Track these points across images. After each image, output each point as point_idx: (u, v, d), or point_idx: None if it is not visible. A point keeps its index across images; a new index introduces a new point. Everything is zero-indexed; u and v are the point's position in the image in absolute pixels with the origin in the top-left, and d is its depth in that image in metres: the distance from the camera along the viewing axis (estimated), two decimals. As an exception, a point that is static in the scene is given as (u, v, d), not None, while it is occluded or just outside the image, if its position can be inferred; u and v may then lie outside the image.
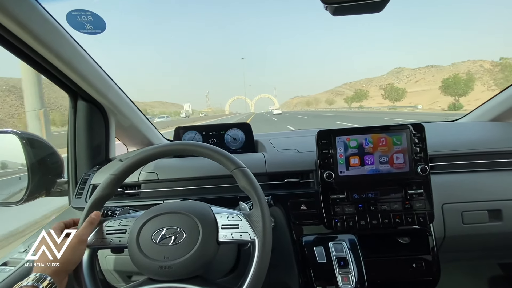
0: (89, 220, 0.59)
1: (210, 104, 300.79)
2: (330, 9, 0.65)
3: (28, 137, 0.92)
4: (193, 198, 0.82)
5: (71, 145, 1.02)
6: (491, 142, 0.96)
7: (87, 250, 0.58)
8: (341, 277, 0.78)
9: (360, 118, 19.92)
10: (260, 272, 0.53)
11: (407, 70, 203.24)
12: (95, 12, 0.79)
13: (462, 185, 0.89)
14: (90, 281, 0.55)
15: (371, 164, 0.82)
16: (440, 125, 1.22)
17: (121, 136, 1.22)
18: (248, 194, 0.60)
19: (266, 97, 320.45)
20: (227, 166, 0.61)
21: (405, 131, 0.82)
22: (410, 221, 0.81)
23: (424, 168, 0.80)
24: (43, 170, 0.96)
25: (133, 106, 1.14)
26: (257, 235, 0.55)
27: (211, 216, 0.58)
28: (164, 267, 0.53)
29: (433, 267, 0.84)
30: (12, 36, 0.68)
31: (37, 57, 0.76)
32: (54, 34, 0.74)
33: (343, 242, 0.83)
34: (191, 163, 0.97)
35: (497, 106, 1.18)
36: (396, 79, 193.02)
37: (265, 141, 1.13)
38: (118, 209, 0.67)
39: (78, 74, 0.85)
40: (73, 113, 1.00)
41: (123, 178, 0.63)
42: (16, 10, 0.63)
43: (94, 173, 0.96)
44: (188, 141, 0.97)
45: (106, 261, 0.90)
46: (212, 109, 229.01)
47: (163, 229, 0.56)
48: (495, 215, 0.87)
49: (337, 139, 0.83)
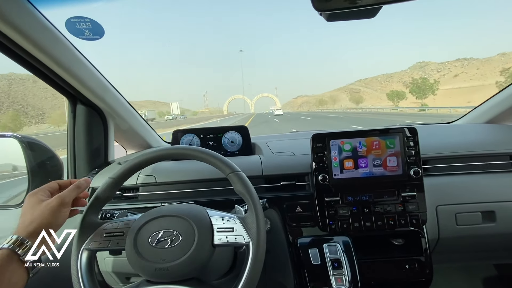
0: (77, 183, 0.58)
1: (208, 104, 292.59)
2: (324, 15, 0.67)
3: (28, 141, 0.94)
4: (190, 201, 0.83)
5: (70, 148, 1.04)
6: (486, 144, 0.97)
7: (86, 252, 0.59)
8: (335, 279, 0.79)
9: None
10: (253, 275, 0.54)
11: (433, 64, 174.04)
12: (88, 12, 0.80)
13: (456, 187, 0.90)
14: (88, 282, 0.57)
15: (364, 167, 0.84)
16: (435, 127, 1.24)
17: (120, 139, 1.24)
18: (243, 198, 0.61)
19: (267, 97, 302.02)
20: (223, 170, 0.62)
21: (398, 135, 0.83)
22: (404, 223, 0.82)
23: (417, 171, 0.81)
24: (43, 173, 0.98)
25: (131, 109, 1.15)
26: (251, 238, 0.56)
27: (207, 220, 0.60)
28: (161, 269, 0.54)
29: (426, 268, 0.85)
30: (12, 43, 0.69)
31: (36, 63, 0.78)
32: (53, 40, 0.76)
33: (337, 244, 0.85)
34: (189, 166, 0.98)
35: (493, 108, 1.19)
36: (424, 74, 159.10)
37: (262, 143, 1.15)
38: (117, 212, 0.69)
39: (77, 79, 0.87)
40: (72, 117, 1.02)
41: (121, 182, 0.65)
42: (16, 17, 0.64)
43: (93, 176, 0.98)
44: (185, 145, 0.98)
45: (105, 263, 0.91)
46: (209, 109, 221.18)
47: (160, 232, 0.57)
48: (488, 217, 0.88)
49: (331, 143, 0.84)
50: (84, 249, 0.59)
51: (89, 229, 0.61)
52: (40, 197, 0.56)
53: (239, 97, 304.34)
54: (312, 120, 22.28)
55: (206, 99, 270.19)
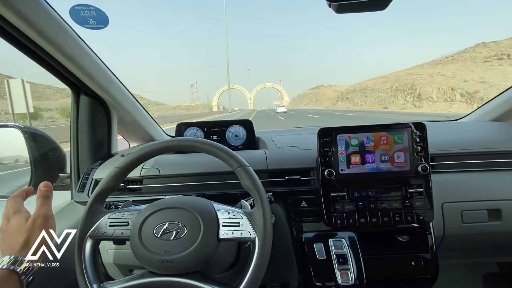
0: (43, 194, 0.57)
1: (199, 97, 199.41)
2: (333, 6, 0.65)
3: (31, 131, 0.93)
4: (194, 194, 0.82)
5: (73, 139, 1.03)
6: (492, 142, 0.96)
7: (90, 240, 0.59)
8: (340, 274, 0.79)
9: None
10: (258, 271, 0.54)
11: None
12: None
13: (462, 184, 0.90)
14: (92, 272, 0.56)
15: (372, 163, 0.83)
16: (441, 124, 1.23)
17: (123, 131, 1.23)
18: (250, 193, 0.60)
19: (271, 88, 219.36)
20: (231, 164, 0.61)
21: (407, 130, 0.82)
22: (410, 219, 0.82)
23: (425, 167, 0.80)
24: (45, 164, 0.97)
25: (135, 102, 1.14)
26: (258, 234, 0.56)
27: (213, 213, 0.59)
28: (165, 261, 0.54)
29: (432, 265, 0.85)
30: (16, 31, 0.68)
31: (40, 51, 0.76)
32: (57, 29, 0.74)
33: (343, 239, 0.84)
34: (192, 159, 0.97)
35: (499, 106, 1.18)
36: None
37: (266, 138, 1.14)
38: (121, 203, 0.68)
39: (81, 69, 0.85)
40: (75, 108, 1.01)
41: (127, 172, 0.64)
42: (20, 5, 0.63)
43: (97, 168, 0.97)
44: (191, 137, 0.97)
45: (108, 254, 0.91)
46: (196, 104, 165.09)
47: (165, 224, 0.57)
48: (494, 215, 0.88)
49: (338, 137, 0.83)
50: (88, 237, 0.58)
51: (94, 217, 0.60)
52: (25, 215, 0.56)
53: (235, 87, 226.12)
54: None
55: (196, 90, 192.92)
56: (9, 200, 0.57)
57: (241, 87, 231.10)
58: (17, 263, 0.49)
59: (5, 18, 0.63)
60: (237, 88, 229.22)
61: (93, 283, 0.55)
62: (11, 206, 0.56)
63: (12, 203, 0.57)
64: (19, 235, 0.53)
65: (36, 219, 0.55)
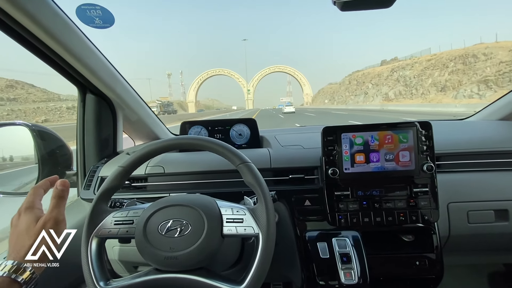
0: (58, 194, 0.55)
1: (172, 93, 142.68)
2: (338, 4, 0.65)
3: (39, 129, 0.94)
4: (198, 192, 0.83)
5: (79, 138, 1.04)
6: (499, 141, 0.95)
7: (96, 239, 0.59)
8: (344, 273, 0.79)
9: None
10: (263, 267, 0.54)
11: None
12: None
13: (468, 184, 0.89)
14: (98, 269, 0.57)
15: (376, 162, 0.82)
16: (447, 123, 1.21)
17: (128, 130, 1.24)
18: (253, 189, 0.61)
19: (281, 73, 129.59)
20: (233, 161, 0.62)
21: (412, 129, 0.81)
22: (415, 219, 0.81)
23: (430, 166, 0.80)
24: (52, 162, 0.99)
25: (140, 101, 1.15)
26: (261, 229, 0.56)
27: (216, 210, 0.59)
28: (170, 258, 0.54)
29: (437, 265, 0.84)
30: (23, 29, 0.69)
31: (47, 50, 0.77)
32: (63, 27, 0.75)
33: (347, 239, 0.84)
34: (197, 157, 0.98)
35: (507, 106, 1.16)
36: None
37: (270, 137, 1.14)
38: (126, 201, 0.69)
39: (87, 67, 0.86)
40: (81, 106, 1.02)
41: (131, 171, 0.65)
42: (27, 4, 0.64)
43: (102, 166, 0.98)
44: (195, 135, 0.98)
45: (113, 251, 0.92)
46: (167, 99, 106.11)
47: (169, 221, 0.57)
48: (501, 215, 0.86)
49: (342, 136, 0.83)
50: (94, 236, 0.59)
51: (99, 216, 0.61)
52: (37, 213, 0.54)
53: (224, 73, 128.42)
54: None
55: (182, 78, 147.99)
56: (31, 189, 0.56)
57: (234, 72, 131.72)
58: (19, 271, 0.47)
59: (12, 16, 0.64)
60: (226, 73, 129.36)
61: (99, 281, 0.56)
62: (27, 198, 0.55)
63: (30, 194, 0.55)
64: (27, 238, 0.51)
65: (47, 222, 0.53)
